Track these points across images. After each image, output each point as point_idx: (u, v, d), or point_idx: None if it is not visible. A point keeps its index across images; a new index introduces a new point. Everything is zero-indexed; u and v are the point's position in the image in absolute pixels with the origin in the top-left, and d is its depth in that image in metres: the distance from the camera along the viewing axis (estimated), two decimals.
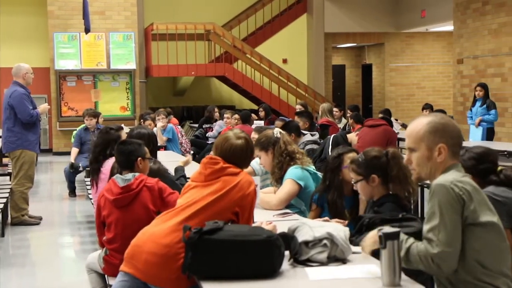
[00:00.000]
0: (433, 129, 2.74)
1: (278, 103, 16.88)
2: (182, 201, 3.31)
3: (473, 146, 3.81)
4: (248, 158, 3.47)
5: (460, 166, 2.78)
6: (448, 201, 2.60)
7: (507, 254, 2.72)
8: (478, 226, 2.63)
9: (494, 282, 2.63)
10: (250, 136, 4.05)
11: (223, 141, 3.46)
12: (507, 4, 13.10)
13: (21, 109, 7.63)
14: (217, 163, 3.32)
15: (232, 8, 18.24)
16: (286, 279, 2.85)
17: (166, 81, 18.12)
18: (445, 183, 2.63)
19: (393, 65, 19.70)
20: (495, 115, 10.56)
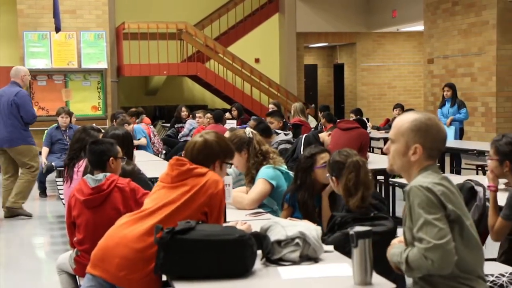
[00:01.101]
0: (415, 128, 2.75)
1: (250, 102, 16.89)
2: (150, 202, 3.28)
3: (509, 133, 3.80)
4: (212, 155, 3.39)
5: (437, 167, 2.80)
6: (429, 200, 2.60)
7: (481, 256, 2.75)
8: (457, 227, 2.64)
9: (470, 283, 2.66)
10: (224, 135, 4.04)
11: (189, 142, 3.48)
12: (476, 5, 13.26)
13: (26, 110, 8.28)
14: (183, 165, 3.30)
15: (204, 7, 18.21)
16: (259, 279, 2.85)
17: (138, 81, 18.03)
18: (422, 184, 2.64)
19: (365, 65, 19.82)
20: (466, 113, 10.68)
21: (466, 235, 2.66)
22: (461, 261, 2.63)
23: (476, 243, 2.72)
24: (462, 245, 2.64)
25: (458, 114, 10.62)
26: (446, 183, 2.71)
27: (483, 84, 13.17)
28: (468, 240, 2.67)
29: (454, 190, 2.72)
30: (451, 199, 2.65)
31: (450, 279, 2.63)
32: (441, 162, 10.08)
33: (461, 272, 2.64)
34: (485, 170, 9.29)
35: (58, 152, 9.71)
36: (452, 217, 2.62)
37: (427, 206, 2.59)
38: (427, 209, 2.59)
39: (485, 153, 8.56)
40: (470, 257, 2.66)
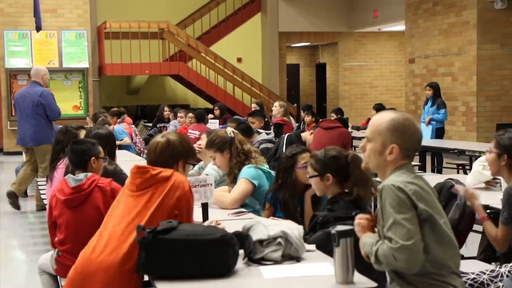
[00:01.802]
0: (393, 128, 2.76)
1: (233, 102, 16.89)
2: (118, 214, 3.19)
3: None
4: (175, 155, 3.32)
5: (411, 166, 2.81)
6: (400, 200, 2.62)
7: (456, 255, 2.77)
8: (429, 226, 2.66)
9: (444, 279, 2.68)
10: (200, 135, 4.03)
11: (151, 142, 3.42)
12: (456, 5, 13.36)
13: (52, 109, 8.56)
14: (146, 172, 3.23)
15: (186, 6, 18.18)
16: (241, 278, 2.85)
17: (120, 80, 17.96)
18: (394, 183, 2.65)
19: (347, 65, 19.89)
20: (444, 114, 10.73)
21: (439, 232, 2.68)
22: (434, 258, 2.66)
23: (450, 240, 2.74)
24: (434, 242, 2.66)
25: (436, 115, 10.68)
26: (419, 181, 2.72)
27: (464, 83, 13.27)
28: (441, 237, 2.69)
29: (428, 189, 2.74)
30: (423, 197, 2.66)
31: (424, 275, 2.66)
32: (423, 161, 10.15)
33: (434, 268, 2.66)
34: (466, 169, 9.36)
35: None
36: (423, 216, 2.64)
37: (398, 205, 2.61)
38: (398, 209, 2.61)
39: (465, 152, 8.63)
40: (443, 254, 2.68)
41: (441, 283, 2.67)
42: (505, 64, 12.88)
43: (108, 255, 3.06)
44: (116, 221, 3.17)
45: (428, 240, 2.65)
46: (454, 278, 2.71)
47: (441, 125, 10.78)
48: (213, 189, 3.95)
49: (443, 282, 2.68)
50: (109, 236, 3.13)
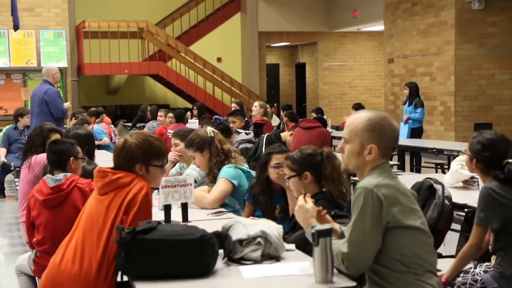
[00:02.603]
0: (370, 128, 2.76)
1: (213, 101, 16.87)
2: (85, 220, 3.15)
3: (488, 131, 3.75)
4: (131, 158, 3.18)
5: (389, 165, 2.83)
6: (369, 204, 2.65)
7: (431, 253, 2.79)
8: (401, 229, 2.69)
9: (419, 278, 2.71)
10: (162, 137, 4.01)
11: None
12: (435, 5, 13.45)
13: (55, 106, 8.65)
14: (105, 176, 3.14)
15: (166, 6, 18.13)
16: (220, 278, 2.85)
17: (99, 80, 17.86)
18: (368, 186, 2.67)
19: (326, 64, 19.95)
20: (421, 113, 10.79)
21: (412, 233, 2.71)
22: (407, 258, 2.69)
23: (424, 239, 2.76)
24: (407, 243, 2.69)
25: (413, 114, 10.75)
26: (395, 182, 2.75)
27: (442, 83, 13.36)
28: (415, 237, 2.72)
29: (403, 189, 2.76)
30: (397, 200, 2.69)
31: (399, 272, 2.69)
32: (402, 161, 10.22)
33: (407, 268, 2.69)
34: (444, 168, 9.43)
35: (16, 152, 9.57)
36: (394, 219, 2.66)
37: (365, 208, 2.65)
38: (364, 211, 2.65)
39: (443, 151, 8.70)
40: (416, 253, 2.71)
41: (417, 281, 2.70)
42: (483, 64, 12.99)
43: (78, 268, 3.02)
44: (85, 228, 3.11)
45: (400, 241, 2.68)
46: (430, 277, 2.74)
47: (418, 124, 10.84)
48: (192, 189, 3.95)
49: (419, 280, 2.70)
50: (78, 245, 3.08)
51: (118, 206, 3.06)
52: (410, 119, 10.73)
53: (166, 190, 3.84)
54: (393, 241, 2.68)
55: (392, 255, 2.69)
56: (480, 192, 3.50)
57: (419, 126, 10.88)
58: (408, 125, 10.72)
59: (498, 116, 13.03)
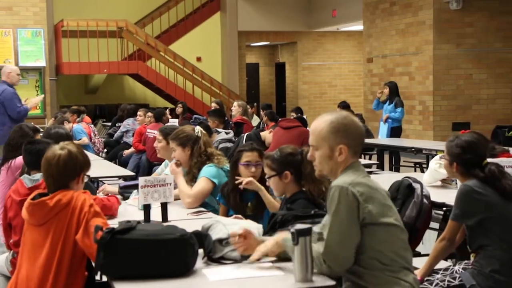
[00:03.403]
0: (335, 130, 2.79)
1: (192, 101, 16.83)
2: (28, 250, 3.13)
3: (465, 133, 3.74)
4: (77, 168, 3.20)
5: (360, 164, 2.86)
6: (344, 202, 2.68)
7: (406, 250, 2.81)
8: (376, 225, 2.71)
9: (395, 275, 2.73)
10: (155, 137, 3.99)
11: (50, 155, 3.22)
12: (413, 5, 13.53)
13: (10, 107, 8.46)
14: (43, 207, 3.10)
15: (145, 5, 18.06)
16: (200, 278, 2.84)
17: (78, 79, 17.75)
18: (342, 185, 2.70)
19: (306, 64, 19.99)
20: (401, 113, 10.85)
21: (386, 230, 2.74)
22: (382, 255, 2.71)
23: (399, 236, 2.79)
24: (382, 240, 2.72)
25: (393, 113, 10.82)
26: (368, 180, 2.78)
27: (421, 83, 13.45)
28: (389, 235, 2.74)
29: (376, 187, 2.79)
30: (371, 197, 2.72)
31: (376, 270, 2.71)
32: (381, 160, 10.27)
33: (383, 265, 2.71)
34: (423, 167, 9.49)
35: None
36: (370, 216, 2.69)
37: (340, 206, 2.68)
38: (339, 210, 2.68)
39: (422, 150, 8.76)
40: (391, 250, 2.73)
41: (394, 278, 2.72)
42: (460, 64, 13.09)
43: None
44: (30, 260, 3.11)
45: (375, 238, 2.71)
46: (406, 273, 2.76)
47: (397, 124, 10.90)
48: (172, 189, 3.94)
49: (396, 277, 2.72)
50: (25, 280, 3.08)
51: (67, 227, 3.06)
52: (390, 118, 10.79)
53: (145, 190, 3.83)
54: (369, 238, 2.71)
55: (368, 252, 2.71)
56: (459, 189, 3.54)
57: (398, 126, 10.95)
58: (388, 124, 10.78)
59: (476, 115, 13.15)
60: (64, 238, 3.06)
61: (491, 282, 3.35)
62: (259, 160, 4.13)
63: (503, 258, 3.36)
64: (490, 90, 13.19)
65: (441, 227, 4.62)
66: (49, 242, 3.07)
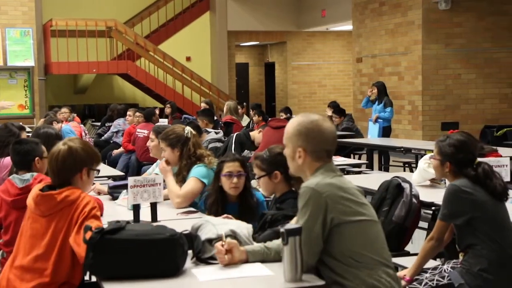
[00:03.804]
0: (298, 132, 2.85)
1: (182, 101, 16.81)
2: (27, 241, 3.13)
3: (455, 133, 3.75)
4: (76, 164, 3.20)
5: (330, 166, 2.86)
6: (312, 202, 2.72)
7: (381, 245, 2.83)
8: (347, 224, 2.73)
9: (372, 273, 2.74)
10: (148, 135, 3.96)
11: (52, 150, 3.24)
12: (402, 5, 13.57)
13: None
14: (51, 199, 3.11)
15: (134, 5, 18.03)
16: (189, 278, 2.84)
17: (67, 79, 17.69)
18: (310, 185, 2.74)
19: (295, 64, 20.01)
20: (390, 112, 10.88)
21: (359, 228, 2.75)
22: (356, 253, 2.73)
23: (373, 232, 2.81)
24: (354, 238, 2.74)
25: (383, 113, 10.85)
26: (336, 180, 2.80)
27: (410, 82, 13.49)
28: (362, 232, 2.76)
29: (346, 186, 2.80)
30: (341, 196, 2.74)
31: (353, 268, 2.72)
32: (370, 160, 10.29)
33: (359, 262, 2.73)
34: (412, 167, 9.52)
35: None
36: (339, 215, 2.72)
37: (308, 207, 2.72)
38: (307, 210, 2.72)
39: (411, 150, 8.79)
40: (365, 248, 2.75)
41: (372, 275, 2.73)
42: (449, 64, 13.15)
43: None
44: (27, 249, 3.11)
45: (348, 237, 2.73)
46: (384, 270, 2.77)
47: (387, 123, 10.94)
48: (161, 189, 3.93)
49: (374, 274, 2.73)
50: (22, 269, 3.08)
51: (68, 224, 3.06)
52: (380, 118, 10.83)
53: (135, 190, 3.82)
54: (342, 238, 2.73)
55: (343, 251, 2.73)
56: (447, 189, 3.55)
57: (389, 125, 10.98)
58: (379, 124, 10.81)
59: (464, 115, 13.20)
60: (65, 233, 3.06)
61: (479, 281, 3.37)
62: (241, 170, 4.02)
63: (491, 257, 3.38)
64: (479, 90, 13.25)
65: (430, 226, 4.63)
66: (50, 233, 3.07)
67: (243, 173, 4.03)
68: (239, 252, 2.94)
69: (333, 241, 2.73)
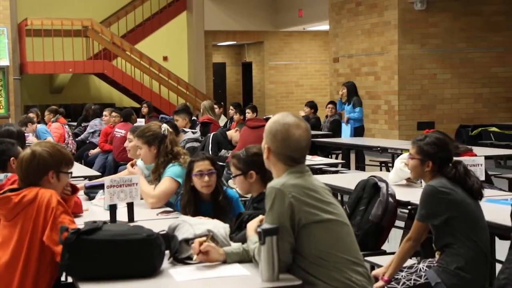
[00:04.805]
0: (269, 130, 2.89)
1: (159, 100, 16.76)
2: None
3: (432, 132, 3.80)
4: (40, 168, 3.18)
5: (298, 168, 2.85)
6: (278, 203, 2.73)
7: (350, 244, 2.83)
8: (314, 224, 2.74)
9: (343, 272, 2.75)
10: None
11: (19, 156, 3.25)
12: (378, 6, 13.65)
13: None
14: (8, 202, 3.09)
15: (111, 4, 17.93)
16: (166, 278, 2.84)
17: (43, 78, 17.54)
18: (275, 186, 2.76)
19: (272, 63, 20.04)
20: (359, 112, 10.89)
21: (327, 227, 2.76)
22: (325, 252, 2.74)
23: (342, 231, 2.81)
24: (323, 237, 2.74)
25: (352, 113, 10.89)
26: (302, 180, 2.80)
27: (386, 82, 13.57)
28: (330, 231, 2.77)
29: (312, 186, 2.81)
30: (307, 196, 2.75)
31: (323, 268, 2.73)
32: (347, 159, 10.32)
33: (328, 262, 2.74)
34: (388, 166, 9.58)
35: None
36: (306, 215, 2.73)
37: (274, 208, 2.73)
38: (272, 211, 2.73)
39: (388, 149, 8.84)
40: (334, 247, 2.76)
41: (343, 274, 2.74)
42: (425, 64, 13.26)
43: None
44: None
45: (316, 237, 2.74)
46: (355, 269, 2.78)
47: (359, 123, 10.95)
48: (138, 189, 3.92)
49: (345, 273, 2.74)
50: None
51: (33, 225, 3.03)
52: (350, 118, 10.88)
53: (111, 190, 3.80)
54: (311, 238, 2.74)
55: (312, 251, 2.74)
56: (424, 190, 3.57)
57: (361, 125, 11.01)
58: (350, 125, 10.87)
59: (440, 114, 13.32)
60: (31, 237, 3.03)
61: (456, 279, 3.40)
62: (211, 168, 4.02)
63: (468, 255, 3.41)
64: (454, 90, 13.37)
65: (407, 225, 4.65)
66: (15, 239, 3.04)
67: (213, 171, 4.03)
68: (217, 254, 2.94)
69: (302, 241, 2.74)
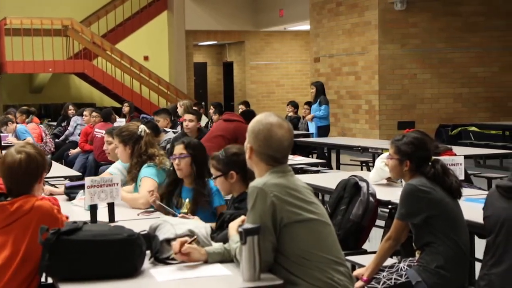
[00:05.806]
0: (251, 129, 2.89)
1: (140, 100, 16.70)
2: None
3: (411, 132, 3.81)
4: (38, 170, 3.13)
5: (280, 168, 2.85)
6: (260, 202, 2.73)
7: (332, 243, 2.84)
8: (296, 223, 2.75)
9: (325, 272, 2.75)
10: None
11: (10, 161, 3.10)
12: (359, 6, 13.71)
13: None
14: (4, 210, 3.02)
15: (91, 3, 17.84)
16: (148, 278, 2.83)
17: (22, 78, 17.42)
18: (257, 185, 2.76)
19: (253, 63, 20.05)
20: (325, 110, 10.94)
21: (308, 226, 2.77)
22: (307, 252, 2.75)
23: (323, 230, 2.82)
24: (304, 237, 2.75)
25: (318, 111, 10.96)
26: (284, 180, 2.81)
27: (367, 82, 13.64)
28: (311, 230, 2.78)
29: (294, 185, 2.82)
30: (289, 195, 2.75)
31: (305, 267, 2.74)
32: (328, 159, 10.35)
33: (310, 261, 2.74)
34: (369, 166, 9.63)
35: None
36: (288, 214, 2.73)
37: (255, 208, 2.73)
38: (256, 210, 2.73)
39: (368, 149, 8.88)
40: (316, 247, 2.77)
41: (325, 273, 2.74)
42: (405, 64, 13.34)
43: None
44: None
45: (298, 236, 2.74)
46: (336, 269, 2.79)
47: (325, 122, 11.00)
48: (119, 189, 3.91)
49: (327, 273, 2.75)
50: None
51: (31, 234, 2.98)
52: (316, 117, 10.93)
53: (92, 190, 3.79)
54: (293, 238, 2.74)
55: (294, 251, 2.75)
56: (404, 189, 3.59)
57: (326, 124, 11.06)
58: (315, 124, 10.92)
59: (420, 114, 13.41)
60: (28, 245, 2.98)
61: (436, 278, 3.42)
62: (184, 152, 4.17)
63: (447, 254, 3.44)
64: (434, 89, 13.47)
65: (387, 224, 4.68)
66: (9, 246, 2.99)
67: (186, 155, 4.14)
68: (198, 254, 2.94)
69: (284, 241, 2.74)
